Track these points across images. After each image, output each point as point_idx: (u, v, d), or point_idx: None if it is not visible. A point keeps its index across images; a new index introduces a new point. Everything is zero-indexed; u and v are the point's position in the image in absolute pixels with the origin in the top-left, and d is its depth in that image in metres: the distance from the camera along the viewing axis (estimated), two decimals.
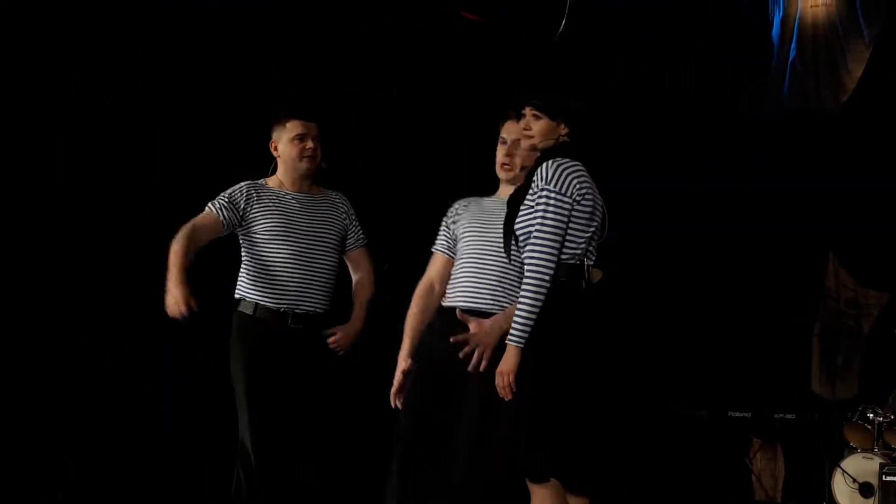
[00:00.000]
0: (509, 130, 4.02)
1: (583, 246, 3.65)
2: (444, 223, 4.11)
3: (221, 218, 4.29)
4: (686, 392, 7.02)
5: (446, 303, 3.97)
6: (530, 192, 3.66)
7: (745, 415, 6.90)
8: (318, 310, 4.30)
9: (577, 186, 3.60)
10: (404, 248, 4.94)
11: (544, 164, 3.63)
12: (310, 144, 4.39)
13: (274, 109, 4.54)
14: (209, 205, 4.34)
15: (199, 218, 4.30)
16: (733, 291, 7.28)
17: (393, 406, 3.97)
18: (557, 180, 3.59)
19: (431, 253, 4.13)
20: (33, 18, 5.73)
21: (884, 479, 6.02)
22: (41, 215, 5.85)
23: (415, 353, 3.96)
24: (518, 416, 3.58)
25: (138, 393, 5.97)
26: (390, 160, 6.41)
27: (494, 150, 4.09)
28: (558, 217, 3.57)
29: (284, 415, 4.25)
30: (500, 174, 4.08)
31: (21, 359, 5.77)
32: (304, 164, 4.40)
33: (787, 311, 7.37)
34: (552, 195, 3.58)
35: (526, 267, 3.58)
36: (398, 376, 3.98)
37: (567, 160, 3.65)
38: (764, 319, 7.27)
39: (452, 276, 3.98)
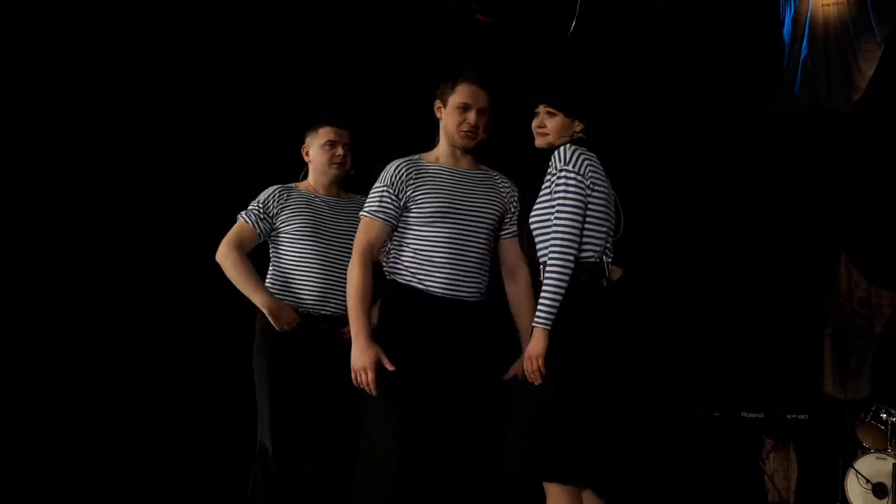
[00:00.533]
0: (475, 96, 3.86)
1: (600, 243, 3.64)
2: (386, 190, 3.83)
3: (258, 231, 4.36)
4: (699, 393, 7.01)
5: (422, 286, 3.78)
6: (545, 183, 3.66)
7: (758, 415, 6.88)
8: (343, 311, 4.22)
9: (591, 173, 3.61)
10: None
11: (561, 148, 3.65)
12: (340, 151, 4.44)
13: (308, 115, 4.56)
14: (244, 217, 4.37)
15: (239, 232, 4.35)
16: (745, 292, 7.26)
17: (371, 392, 3.71)
18: (575, 162, 3.60)
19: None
20: (32, 18, 5.74)
21: None
22: (41, 215, 5.86)
23: (400, 343, 3.75)
24: (540, 415, 3.54)
25: (151, 392, 5.99)
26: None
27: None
28: (578, 196, 3.58)
29: (306, 420, 4.26)
30: (463, 142, 3.88)
31: (21, 359, 5.78)
32: (333, 171, 4.45)
33: (800, 311, 7.35)
34: (571, 174, 3.59)
35: (550, 245, 3.57)
36: (376, 363, 3.70)
37: (581, 148, 3.67)
38: (776, 320, 7.25)
39: (423, 258, 3.79)
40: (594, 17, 5.82)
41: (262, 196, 4.42)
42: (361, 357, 3.69)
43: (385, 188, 3.84)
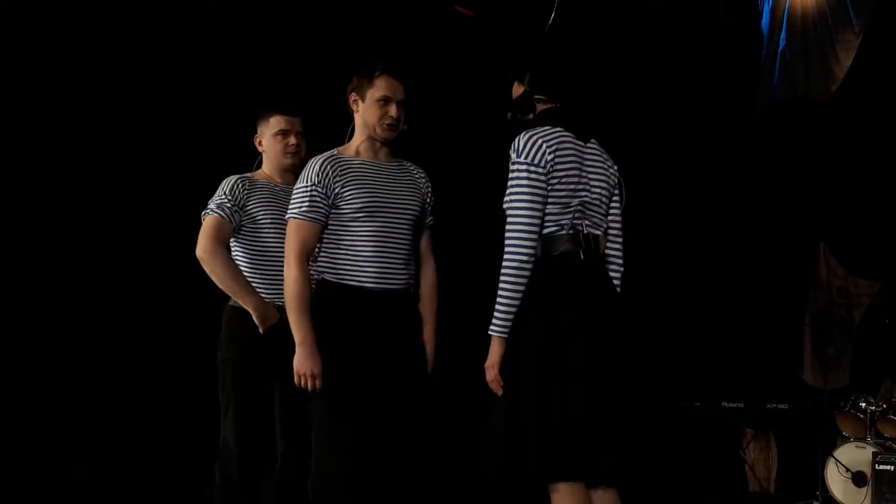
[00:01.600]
0: (394, 89, 3.87)
1: (570, 213, 3.50)
2: (314, 189, 3.81)
3: (233, 224, 4.28)
4: (679, 383, 7.03)
5: (353, 282, 3.78)
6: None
7: (738, 405, 6.90)
8: None
9: (549, 152, 3.46)
10: None
11: (518, 137, 3.53)
12: (293, 140, 4.38)
13: (258, 105, 4.52)
14: (218, 211, 4.27)
15: (218, 228, 4.25)
16: (725, 282, 7.29)
17: (313, 389, 3.74)
18: (528, 151, 3.46)
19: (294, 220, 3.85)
20: (31, 18, 5.70)
21: (877, 467, 6.05)
22: (40, 216, 5.82)
23: (338, 340, 3.77)
24: (510, 414, 3.48)
25: (121, 389, 5.94)
26: None
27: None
28: (532, 189, 3.44)
29: (271, 415, 4.24)
30: (386, 134, 3.89)
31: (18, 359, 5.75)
32: (287, 160, 4.39)
33: (779, 301, 7.38)
34: (522, 166, 3.46)
35: (504, 246, 3.46)
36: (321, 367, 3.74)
37: (539, 128, 3.54)
38: (755, 309, 7.27)
39: (352, 254, 3.80)
40: (574, 13, 5.82)
41: (226, 187, 4.32)
42: (307, 363, 3.72)
43: (313, 187, 3.81)
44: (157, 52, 6.00)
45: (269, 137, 4.40)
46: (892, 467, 6.02)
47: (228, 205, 4.27)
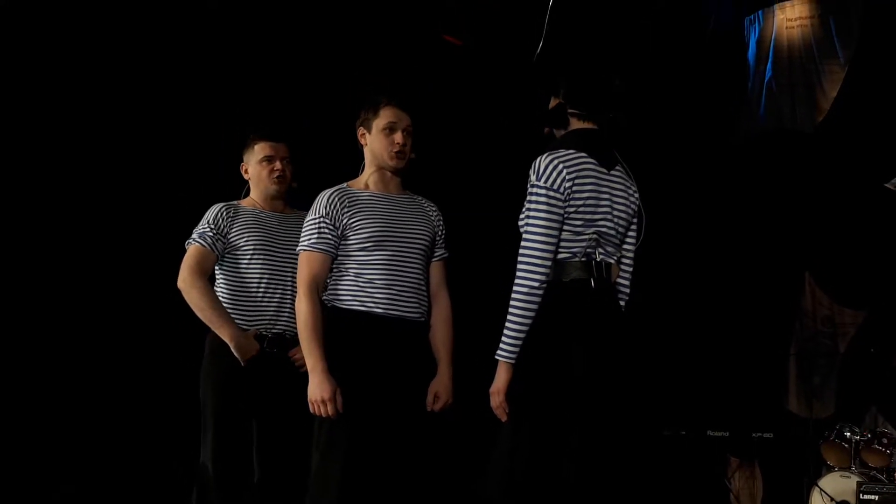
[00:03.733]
0: (399, 117, 3.90)
1: (585, 241, 3.47)
2: (322, 221, 3.83)
3: (216, 253, 4.28)
4: (665, 411, 7.03)
5: (364, 308, 3.77)
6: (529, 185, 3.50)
7: (724, 434, 6.91)
8: (292, 331, 4.23)
9: (568, 180, 3.42)
10: None
11: (539, 158, 3.48)
12: (278, 166, 4.37)
13: (243, 132, 4.53)
14: (200, 241, 4.27)
15: (199, 258, 4.25)
16: (710, 310, 7.30)
17: (328, 415, 3.69)
18: (549, 175, 3.42)
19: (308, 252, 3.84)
20: (26, 19, 5.70)
21: (861, 497, 6.04)
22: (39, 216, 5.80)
23: (349, 366, 3.75)
24: (514, 442, 3.42)
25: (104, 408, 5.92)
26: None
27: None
28: (548, 216, 3.40)
29: (250, 441, 4.22)
30: (394, 163, 3.90)
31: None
32: (273, 186, 4.38)
33: (765, 330, 7.40)
34: (541, 190, 3.41)
35: (517, 270, 3.41)
36: (336, 394, 3.71)
37: (562, 151, 3.49)
38: (741, 338, 7.29)
39: (362, 281, 3.79)
40: (562, 41, 5.86)
41: (210, 216, 4.31)
42: (320, 389, 3.68)
43: (321, 219, 3.83)
44: (156, 53, 5.99)
45: (255, 164, 4.40)
46: (877, 497, 6.00)
47: (210, 233, 4.27)
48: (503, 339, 3.41)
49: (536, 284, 3.37)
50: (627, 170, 3.70)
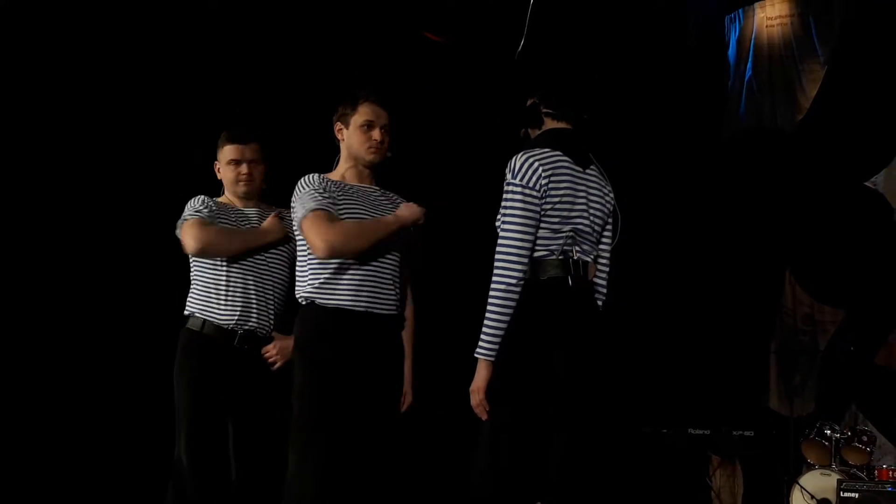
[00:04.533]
0: (377, 114, 3.88)
1: (561, 239, 3.46)
2: (320, 189, 3.78)
3: (213, 223, 4.21)
4: (645, 409, 7.04)
5: (343, 305, 3.73)
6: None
7: (705, 432, 6.92)
8: (264, 328, 4.23)
9: (544, 175, 3.41)
10: None
11: (514, 157, 3.47)
12: (244, 170, 4.31)
13: (217, 131, 4.50)
14: (194, 215, 4.20)
15: (200, 223, 4.16)
16: (691, 308, 7.31)
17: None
18: (525, 174, 3.42)
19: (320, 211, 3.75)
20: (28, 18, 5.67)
21: (841, 495, 6.05)
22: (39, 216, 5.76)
23: (326, 363, 3.70)
24: (494, 440, 3.40)
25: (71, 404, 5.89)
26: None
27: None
28: (524, 213, 3.39)
29: (225, 437, 4.20)
30: (371, 157, 3.87)
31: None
32: (241, 188, 4.33)
33: (745, 328, 7.42)
34: (517, 189, 3.41)
35: (494, 269, 3.39)
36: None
37: (538, 149, 3.49)
38: (722, 336, 7.30)
39: (342, 275, 3.75)
40: (542, 41, 5.86)
41: (197, 204, 4.25)
42: (409, 210, 3.80)
43: (315, 189, 3.78)
44: (155, 54, 5.96)
45: (224, 166, 4.38)
46: (857, 494, 6.02)
47: (207, 211, 4.22)
48: (482, 336, 3.39)
49: (514, 281, 3.36)
50: (601, 169, 3.70)
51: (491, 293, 3.39)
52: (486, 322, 3.39)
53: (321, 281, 3.77)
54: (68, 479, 5.81)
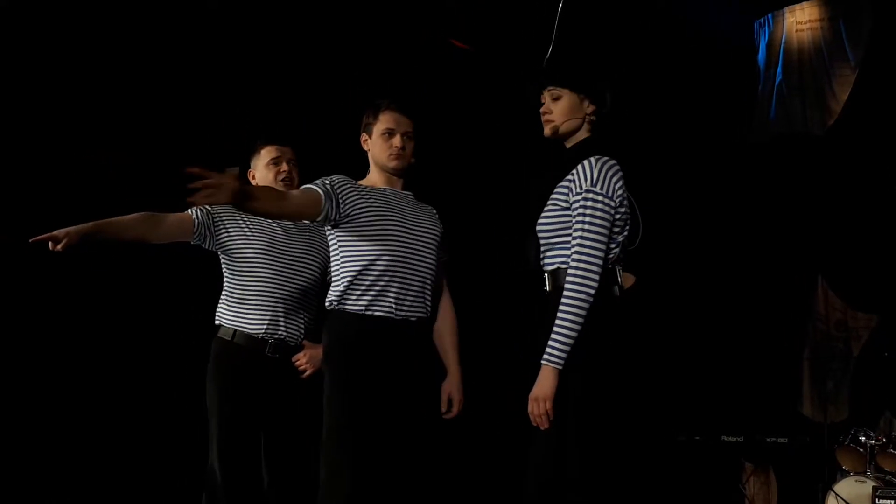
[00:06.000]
0: (398, 122, 3.90)
1: (616, 250, 3.38)
2: (335, 178, 3.81)
3: (194, 217, 4.21)
4: (679, 417, 7.01)
5: (372, 311, 3.72)
6: (560, 189, 3.39)
7: (738, 439, 6.88)
8: (295, 337, 4.24)
9: (619, 188, 3.33)
10: None
11: (587, 162, 3.35)
12: (284, 167, 4.36)
13: (249, 139, 4.53)
14: (191, 210, 4.23)
15: (175, 216, 4.20)
16: (724, 315, 7.28)
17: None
18: (603, 182, 3.32)
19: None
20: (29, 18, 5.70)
21: (877, 502, 6.00)
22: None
23: (354, 371, 3.71)
24: (558, 450, 3.30)
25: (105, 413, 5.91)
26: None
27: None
28: (605, 223, 3.29)
29: (257, 445, 4.21)
30: (393, 163, 3.87)
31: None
32: (280, 187, 4.36)
33: (778, 334, 7.38)
34: (599, 198, 3.30)
35: (570, 277, 3.28)
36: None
37: (606, 158, 3.38)
38: (754, 343, 7.27)
39: (370, 281, 3.74)
40: (572, 46, 5.85)
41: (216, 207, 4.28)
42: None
43: (328, 183, 3.78)
44: (155, 54, 5.98)
45: (262, 168, 4.40)
46: (893, 502, 5.97)
47: (203, 207, 4.20)
48: (553, 345, 3.27)
49: (592, 292, 3.26)
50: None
51: (569, 301, 3.27)
52: (560, 330, 3.26)
53: (349, 287, 3.78)
54: (104, 488, 5.85)
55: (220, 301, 4.33)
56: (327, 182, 3.79)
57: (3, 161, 5.69)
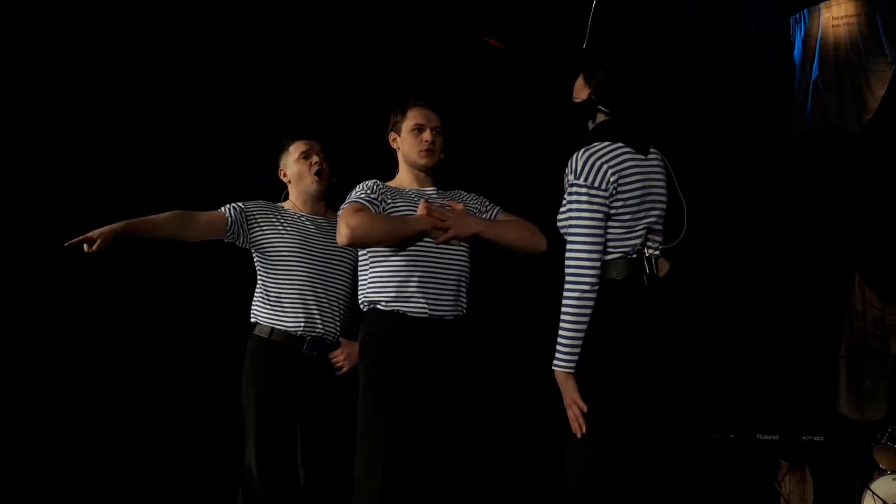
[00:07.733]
0: (426, 117, 3.92)
1: (637, 238, 3.34)
2: (368, 190, 3.85)
3: (227, 215, 4.27)
4: (714, 415, 6.97)
5: (402, 309, 3.75)
6: (566, 183, 3.38)
7: (774, 437, 6.84)
8: (331, 334, 4.27)
9: (612, 174, 3.29)
10: None
11: (575, 154, 3.35)
12: (315, 159, 4.39)
13: (277, 137, 4.55)
14: (224, 207, 4.32)
15: (207, 214, 4.27)
16: (759, 312, 7.24)
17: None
18: (589, 172, 3.28)
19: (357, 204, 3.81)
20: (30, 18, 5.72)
21: None
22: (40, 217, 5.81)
23: (387, 369, 3.74)
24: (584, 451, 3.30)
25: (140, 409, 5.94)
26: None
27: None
28: (592, 215, 3.25)
29: (294, 443, 4.24)
30: (424, 160, 3.90)
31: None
32: (314, 184, 4.39)
33: (814, 332, 7.33)
34: (583, 190, 3.27)
35: (565, 276, 3.27)
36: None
37: (598, 145, 3.35)
38: (790, 340, 7.22)
39: (404, 280, 3.76)
40: (607, 40, 5.84)
41: (249, 203, 4.36)
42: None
43: (363, 189, 3.84)
44: (156, 53, 6.00)
45: (293, 164, 4.43)
46: None
47: (236, 205, 4.31)
48: (559, 348, 3.27)
49: (587, 287, 3.23)
50: (662, 155, 3.58)
51: (565, 301, 3.26)
52: (562, 332, 3.26)
53: (382, 285, 3.79)
54: (140, 486, 5.88)
55: (255, 298, 4.35)
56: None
57: (27, 162, 5.73)
